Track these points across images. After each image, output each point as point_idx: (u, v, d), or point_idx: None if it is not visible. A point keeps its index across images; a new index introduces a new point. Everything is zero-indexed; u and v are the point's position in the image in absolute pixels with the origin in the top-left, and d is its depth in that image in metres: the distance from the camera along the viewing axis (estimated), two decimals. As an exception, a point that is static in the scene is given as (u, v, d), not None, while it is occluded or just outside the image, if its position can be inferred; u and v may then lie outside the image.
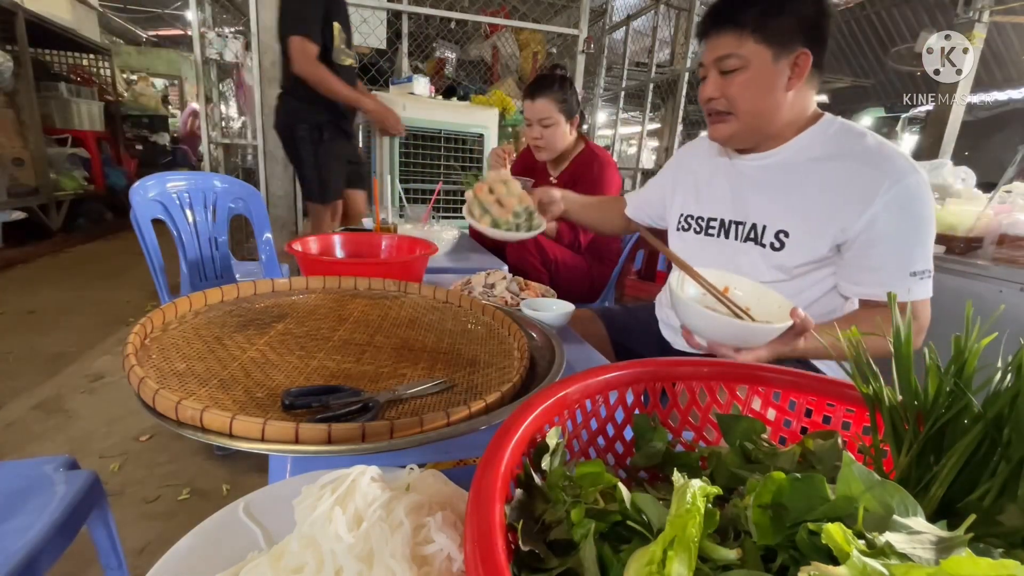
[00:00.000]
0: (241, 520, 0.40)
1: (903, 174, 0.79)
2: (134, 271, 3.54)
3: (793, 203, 0.88)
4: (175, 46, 8.84)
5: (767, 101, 0.86)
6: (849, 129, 0.87)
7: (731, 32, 0.83)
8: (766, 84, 0.84)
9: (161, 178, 1.64)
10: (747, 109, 0.86)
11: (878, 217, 0.80)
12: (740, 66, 0.84)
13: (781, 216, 0.88)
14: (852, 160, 0.83)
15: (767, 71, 0.83)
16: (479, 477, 0.28)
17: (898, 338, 0.34)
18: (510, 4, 4.33)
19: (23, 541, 0.63)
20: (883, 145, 0.84)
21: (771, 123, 0.88)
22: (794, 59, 0.83)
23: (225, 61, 2.97)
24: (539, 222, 1.15)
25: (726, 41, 0.84)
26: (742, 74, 0.84)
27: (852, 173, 0.82)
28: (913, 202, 0.79)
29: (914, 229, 0.80)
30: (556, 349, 0.68)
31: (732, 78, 0.85)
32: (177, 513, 1.34)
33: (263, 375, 0.57)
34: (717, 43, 0.85)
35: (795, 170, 0.89)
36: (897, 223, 0.80)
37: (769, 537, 0.27)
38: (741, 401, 0.45)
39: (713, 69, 0.87)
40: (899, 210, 0.79)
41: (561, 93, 1.60)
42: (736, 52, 0.83)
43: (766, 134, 0.90)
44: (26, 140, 3.84)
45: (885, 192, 0.79)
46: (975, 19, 2.18)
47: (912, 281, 0.80)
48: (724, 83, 0.86)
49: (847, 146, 0.85)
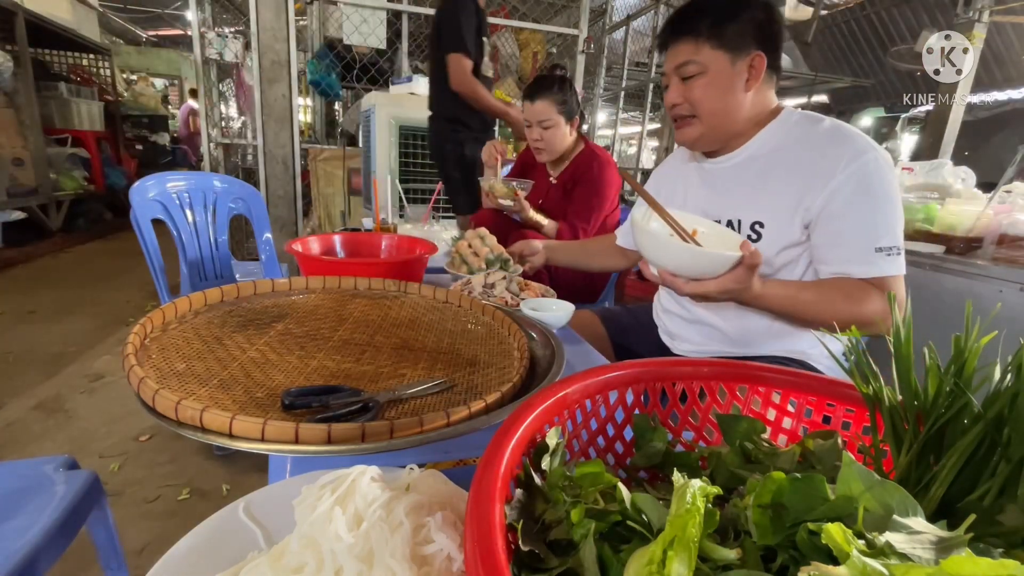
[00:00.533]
0: (241, 520, 0.40)
1: (860, 152, 0.81)
2: (134, 271, 3.54)
3: (762, 194, 0.90)
4: (175, 46, 8.85)
5: (728, 102, 0.89)
6: (808, 117, 0.91)
7: (688, 40, 0.88)
8: (725, 86, 0.88)
9: (161, 178, 1.64)
10: (709, 110, 0.90)
11: (837, 192, 0.82)
12: (699, 71, 0.88)
13: (753, 208, 0.91)
14: (812, 143, 0.86)
15: (725, 74, 0.87)
16: (479, 477, 0.28)
17: (898, 338, 0.34)
18: (510, 4, 4.33)
19: (23, 541, 0.63)
20: (840, 127, 0.87)
21: (734, 122, 0.92)
22: (749, 61, 0.87)
23: (225, 61, 2.97)
24: (514, 268, 1.24)
25: (684, 49, 0.88)
26: (701, 79, 0.88)
27: (814, 155, 0.85)
28: (871, 177, 0.81)
29: (874, 203, 0.81)
30: (556, 349, 0.68)
31: (692, 83, 0.89)
32: (177, 513, 1.35)
33: (263, 375, 0.57)
34: (676, 52, 0.90)
35: (761, 163, 0.92)
36: (856, 198, 0.81)
37: (769, 537, 0.27)
38: (741, 401, 0.45)
39: (674, 76, 0.91)
40: (857, 185, 0.81)
41: (561, 95, 1.60)
42: (694, 59, 0.87)
43: (730, 133, 0.93)
44: (26, 140, 3.84)
45: (843, 169, 0.81)
46: (975, 19, 2.19)
47: (879, 257, 0.80)
48: (685, 89, 0.90)
49: (807, 132, 0.88)
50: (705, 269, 0.72)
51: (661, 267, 0.75)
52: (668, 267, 0.74)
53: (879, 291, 0.80)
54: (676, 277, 0.75)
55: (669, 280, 0.76)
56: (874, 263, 0.80)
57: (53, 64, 4.95)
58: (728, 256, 0.70)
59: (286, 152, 2.88)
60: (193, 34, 2.84)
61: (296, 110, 2.85)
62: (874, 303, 0.79)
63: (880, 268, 0.80)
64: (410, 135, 1.93)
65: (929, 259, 1.57)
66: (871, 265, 0.80)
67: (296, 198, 2.97)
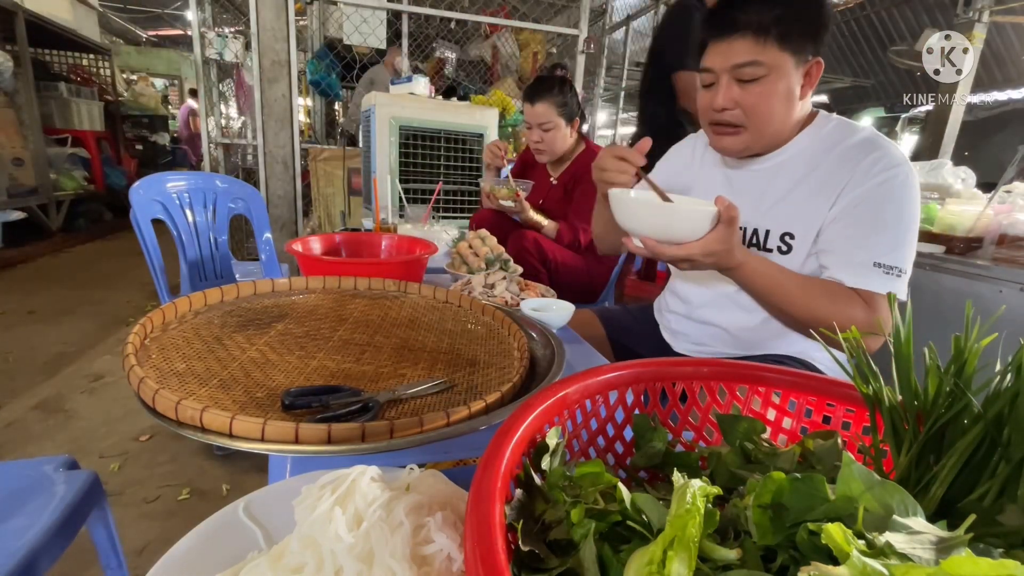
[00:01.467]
0: (241, 520, 0.40)
1: (891, 164, 0.78)
2: (134, 271, 3.54)
3: (793, 204, 0.86)
4: (175, 46, 8.86)
5: (783, 110, 0.82)
6: (844, 124, 0.86)
7: (751, 37, 0.77)
8: (787, 94, 0.80)
9: (161, 178, 1.64)
10: (764, 119, 0.82)
11: (856, 199, 0.79)
12: (762, 75, 0.78)
13: (783, 219, 0.87)
14: (847, 154, 0.82)
15: (788, 80, 0.79)
16: (479, 477, 0.28)
17: (898, 338, 0.34)
18: (510, 4, 4.34)
19: (23, 541, 0.63)
20: (877, 138, 0.82)
21: (780, 131, 0.85)
22: (809, 67, 0.80)
23: (225, 61, 2.97)
24: (513, 268, 1.25)
25: (745, 46, 0.78)
26: (763, 84, 0.79)
27: (846, 165, 0.81)
28: (893, 192, 0.77)
29: (888, 219, 0.77)
30: (556, 349, 0.68)
31: (751, 87, 0.80)
32: (177, 513, 1.35)
33: (263, 375, 0.57)
34: (734, 48, 0.79)
35: (792, 170, 0.87)
36: (871, 207, 0.78)
37: (769, 537, 0.27)
38: (741, 401, 0.45)
39: (727, 76, 0.81)
40: (878, 196, 0.77)
41: (561, 97, 1.60)
42: (759, 59, 0.77)
43: (774, 142, 0.88)
44: (26, 140, 3.84)
45: (870, 179, 0.78)
46: (975, 19, 2.19)
47: (875, 271, 0.76)
48: (742, 92, 0.81)
49: (841, 142, 0.83)
50: (684, 228, 0.72)
51: (643, 235, 0.74)
52: (649, 233, 0.73)
53: (865, 304, 0.77)
54: (660, 244, 0.73)
55: (652, 247, 0.73)
56: (867, 276, 0.77)
57: (53, 64, 4.95)
58: (706, 211, 0.70)
59: (286, 152, 2.88)
60: (193, 34, 2.84)
61: (296, 110, 2.85)
62: (855, 312, 0.76)
63: (871, 282, 0.77)
64: (410, 135, 1.92)
65: (929, 259, 1.57)
66: (863, 277, 0.77)
67: (296, 198, 2.97)
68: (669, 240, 0.73)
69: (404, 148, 1.92)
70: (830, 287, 0.79)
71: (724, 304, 0.96)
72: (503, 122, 3.18)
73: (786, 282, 0.79)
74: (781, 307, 0.80)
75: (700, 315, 1.01)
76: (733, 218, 0.70)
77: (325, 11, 3.72)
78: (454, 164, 2.05)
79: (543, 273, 1.54)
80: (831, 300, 0.77)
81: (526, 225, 1.65)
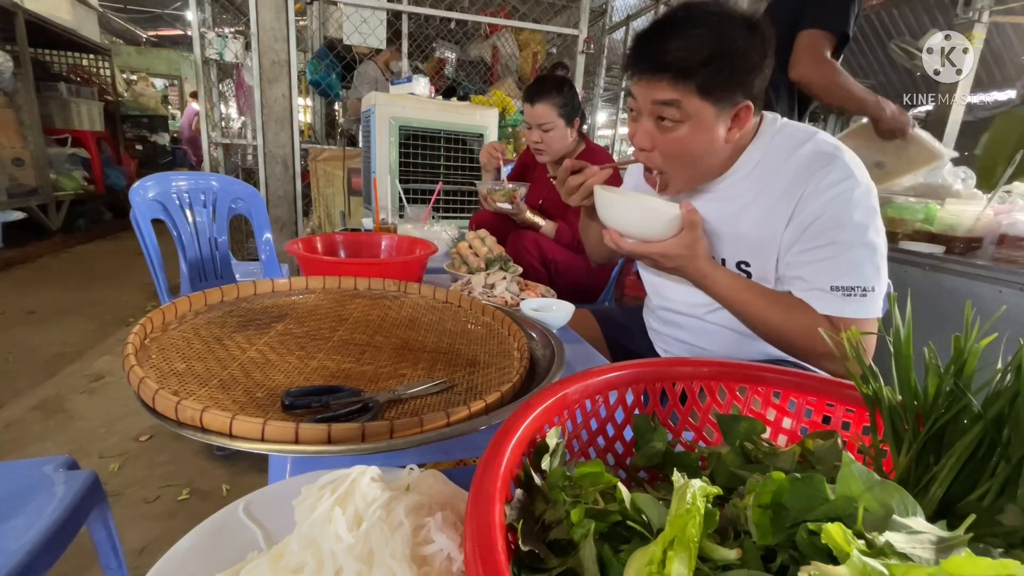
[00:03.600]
0: (241, 520, 0.40)
1: (839, 180, 0.73)
2: (134, 271, 3.54)
3: (744, 230, 0.82)
4: (175, 46, 8.85)
5: (706, 155, 0.79)
6: (789, 137, 0.80)
7: (672, 80, 0.73)
8: (706, 140, 0.76)
9: (161, 178, 1.64)
10: (682, 166, 0.80)
11: (802, 219, 0.75)
12: (681, 119, 0.75)
13: (736, 247, 0.84)
14: (794, 169, 0.77)
15: (709, 126, 0.75)
16: (479, 477, 0.28)
17: (898, 338, 0.34)
18: (510, 4, 4.34)
19: (23, 541, 0.63)
20: (822, 151, 0.76)
21: (709, 168, 0.82)
22: (736, 111, 0.76)
23: (225, 61, 2.97)
24: (513, 268, 1.26)
25: (666, 87, 0.74)
26: (680, 131, 0.76)
27: (794, 182, 0.76)
28: (844, 208, 0.73)
29: (838, 237, 0.73)
30: (556, 349, 0.68)
31: (668, 133, 0.77)
32: (177, 513, 1.35)
33: (263, 375, 0.57)
34: (655, 86, 0.75)
35: (741, 194, 0.82)
36: (819, 227, 0.74)
37: (769, 537, 0.27)
38: (741, 401, 0.45)
39: (647, 111, 0.77)
40: (828, 218, 0.73)
41: (560, 97, 1.60)
42: (678, 103, 0.73)
43: (706, 176, 0.84)
44: (26, 140, 3.84)
45: (818, 197, 0.74)
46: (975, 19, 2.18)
47: (833, 296, 0.73)
48: (659, 135, 0.78)
49: (789, 155, 0.78)
50: (647, 225, 0.76)
51: (611, 226, 0.79)
52: (615, 225, 0.78)
53: (828, 324, 0.74)
54: (622, 238, 0.76)
55: (616, 239, 0.77)
56: (828, 301, 0.74)
57: (53, 64, 4.95)
58: (667, 210, 0.74)
59: (286, 152, 2.88)
60: (193, 34, 2.84)
61: (296, 110, 2.85)
62: (810, 320, 0.74)
63: (833, 307, 0.74)
64: (410, 135, 1.92)
65: (929, 259, 1.57)
66: (825, 302, 0.74)
67: (296, 198, 2.97)
68: (633, 236, 0.77)
69: (404, 148, 1.92)
70: (790, 301, 0.77)
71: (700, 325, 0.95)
72: (503, 122, 3.18)
73: (745, 295, 0.78)
74: (752, 324, 0.79)
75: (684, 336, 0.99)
76: (694, 222, 0.72)
77: (325, 11, 3.72)
78: (454, 164, 2.05)
79: (543, 273, 1.54)
80: (787, 312, 0.76)
81: (525, 226, 1.65)
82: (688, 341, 0.99)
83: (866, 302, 0.73)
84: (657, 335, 1.08)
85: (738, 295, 0.78)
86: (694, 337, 0.97)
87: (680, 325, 0.99)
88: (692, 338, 0.98)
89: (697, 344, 0.97)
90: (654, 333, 1.09)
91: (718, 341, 0.94)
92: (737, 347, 0.92)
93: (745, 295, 0.78)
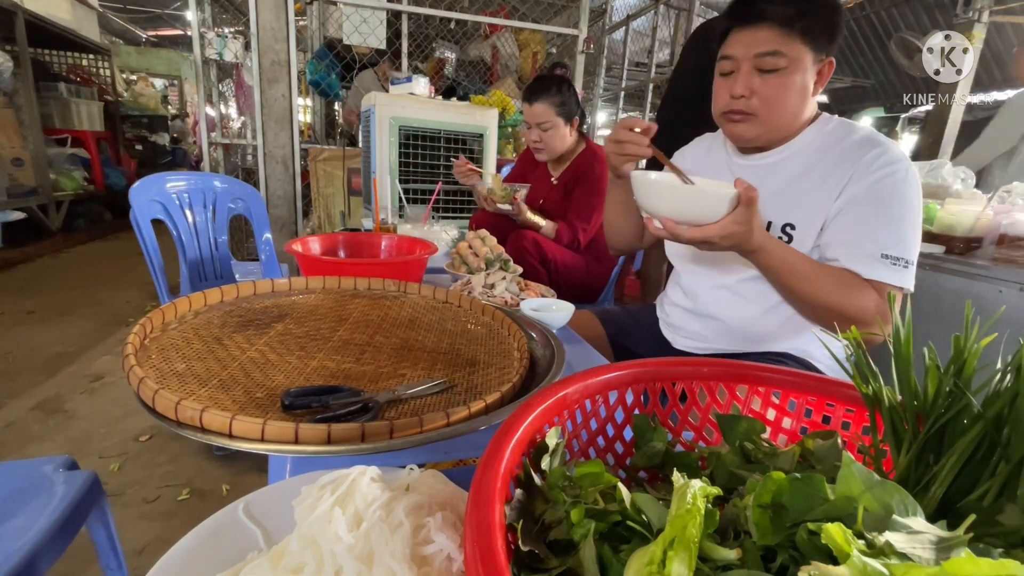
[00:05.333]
0: (241, 520, 0.40)
1: (892, 160, 0.80)
2: (134, 271, 3.54)
3: (794, 197, 0.88)
4: (175, 46, 8.85)
5: (797, 105, 0.84)
6: (844, 124, 0.89)
7: (778, 28, 0.79)
8: (802, 88, 0.82)
9: (161, 178, 1.64)
10: (778, 111, 0.84)
11: (859, 194, 0.81)
12: (783, 66, 0.80)
13: (785, 210, 0.88)
14: (846, 150, 0.84)
15: (805, 75, 0.82)
16: (479, 477, 0.28)
17: (898, 338, 0.34)
18: (510, 4, 4.34)
19: (23, 541, 0.63)
20: (876, 136, 0.84)
21: (790, 125, 0.87)
22: (823, 65, 0.83)
23: (225, 61, 2.97)
24: (513, 268, 1.25)
25: (770, 36, 0.80)
26: (782, 76, 0.81)
27: (846, 161, 0.83)
28: (896, 187, 0.79)
29: (892, 211, 0.79)
30: (556, 349, 0.68)
31: (769, 78, 0.82)
32: (177, 513, 1.34)
33: (263, 375, 0.57)
34: (758, 36, 0.80)
35: (794, 166, 0.89)
36: (876, 201, 0.80)
37: (769, 537, 0.27)
38: (741, 401, 0.45)
39: (748, 64, 0.83)
40: (881, 190, 0.80)
41: (559, 96, 1.60)
42: (782, 49, 0.79)
43: (783, 136, 0.89)
44: (26, 140, 3.84)
45: (871, 173, 0.80)
46: (975, 19, 2.19)
47: (883, 262, 0.79)
48: (760, 82, 0.83)
49: (841, 139, 0.86)
50: (704, 210, 0.72)
51: (662, 215, 0.74)
52: (668, 214, 0.74)
53: (877, 295, 0.79)
54: (678, 225, 0.73)
55: (671, 228, 0.74)
56: (876, 267, 0.79)
57: (53, 64, 4.95)
58: (725, 193, 0.71)
59: (286, 152, 2.88)
60: (193, 34, 2.84)
61: (296, 110, 2.85)
62: (867, 300, 0.78)
63: (880, 273, 0.79)
64: (410, 135, 1.92)
65: (929, 259, 1.57)
66: (874, 268, 0.79)
67: (296, 198, 2.97)
68: (688, 221, 0.74)
69: (404, 148, 1.92)
70: (844, 276, 0.80)
71: (726, 296, 0.97)
72: (503, 122, 3.18)
73: (801, 267, 0.80)
74: (797, 292, 0.81)
75: (702, 308, 1.01)
76: (752, 199, 0.71)
77: (325, 11, 3.71)
78: (454, 164, 2.05)
79: (543, 273, 1.54)
80: (842, 287, 0.79)
81: (525, 226, 1.65)
82: (713, 315, 0.99)
83: (907, 273, 0.79)
84: (672, 328, 1.08)
85: (789, 265, 0.79)
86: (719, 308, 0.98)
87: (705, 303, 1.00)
88: (717, 310, 0.99)
89: (719, 317, 0.99)
90: (669, 328, 1.09)
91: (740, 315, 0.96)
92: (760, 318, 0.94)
93: (796, 263, 0.79)
